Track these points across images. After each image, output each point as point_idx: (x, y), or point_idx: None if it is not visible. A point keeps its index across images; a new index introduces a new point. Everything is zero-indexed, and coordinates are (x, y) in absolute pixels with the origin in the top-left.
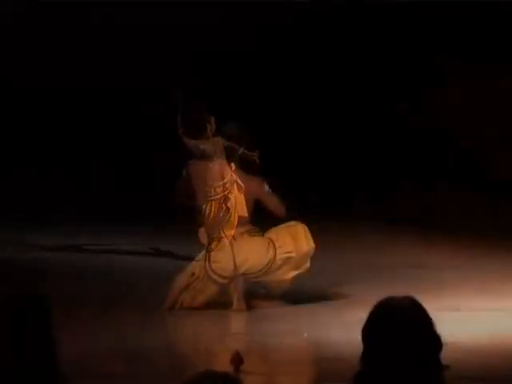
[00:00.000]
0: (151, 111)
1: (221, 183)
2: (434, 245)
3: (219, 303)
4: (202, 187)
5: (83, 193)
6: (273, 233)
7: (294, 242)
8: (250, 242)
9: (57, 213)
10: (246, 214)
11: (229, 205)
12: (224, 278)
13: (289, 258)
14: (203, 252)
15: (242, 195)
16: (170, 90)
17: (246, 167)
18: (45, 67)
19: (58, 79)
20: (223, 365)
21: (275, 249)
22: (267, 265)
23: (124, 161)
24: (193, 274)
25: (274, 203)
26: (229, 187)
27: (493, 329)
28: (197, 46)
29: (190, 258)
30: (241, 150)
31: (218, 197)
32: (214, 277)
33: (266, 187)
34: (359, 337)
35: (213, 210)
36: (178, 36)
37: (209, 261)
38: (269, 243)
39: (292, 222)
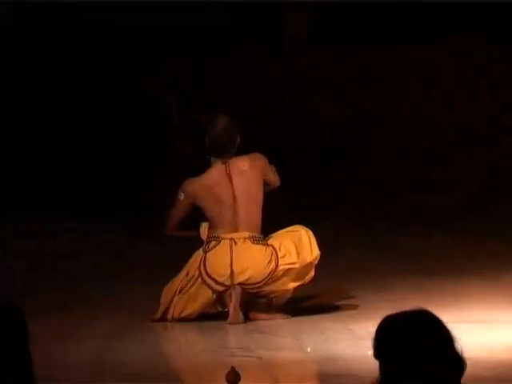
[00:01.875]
0: (151, 111)
1: (230, 185)
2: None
3: (213, 315)
4: (209, 199)
5: (83, 195)
6: (276, 240)
7: (297, 252)
8: (251, 250)
9: (56, 213)
10: (255, 216)
11: (237, 204)
12: (219, 284)
13: (290, 269)
14: (200, 251)
15: (255, 191)
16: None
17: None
18: (45, 70)
19: (58, 80)
20: (218, 382)
21: (277, 259)
22: (267, 276)
23: (124, 162)
24: (187, 273)
25: (273, 175)
26: (241, 186)
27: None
28: None
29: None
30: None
31: (229, 202)
32: (209, 281)
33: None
34: (368, 352)
35: (220, 211)
36: None
37: (204, 262)
38: (272, 253)
39: (296, 227)
